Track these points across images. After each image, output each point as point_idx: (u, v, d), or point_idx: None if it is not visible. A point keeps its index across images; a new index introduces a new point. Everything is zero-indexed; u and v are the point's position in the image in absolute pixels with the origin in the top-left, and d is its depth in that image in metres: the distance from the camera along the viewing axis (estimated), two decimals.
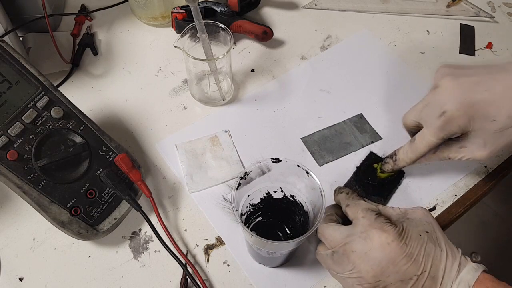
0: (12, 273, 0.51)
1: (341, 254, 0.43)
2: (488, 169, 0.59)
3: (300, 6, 0.77)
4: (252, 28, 0.69)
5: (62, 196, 0.49)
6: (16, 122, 0.48)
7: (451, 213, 0.56)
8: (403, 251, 0.40)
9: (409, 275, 0.40)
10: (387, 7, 0.77)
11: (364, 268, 0.41)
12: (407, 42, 0.72)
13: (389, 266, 0.40)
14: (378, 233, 0.41)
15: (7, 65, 0.49)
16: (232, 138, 0.61)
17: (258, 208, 0.51)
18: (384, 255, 0.40)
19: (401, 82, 0.67)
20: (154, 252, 0.52)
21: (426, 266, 0.40)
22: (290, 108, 0.64)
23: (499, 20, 0.75)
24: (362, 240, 0.41)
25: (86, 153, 0.51)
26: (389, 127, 0.62)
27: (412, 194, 0.56)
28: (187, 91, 0.66)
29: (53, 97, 0.51)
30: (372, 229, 0.42)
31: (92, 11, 0.74)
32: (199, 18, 0.55)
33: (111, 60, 0.70)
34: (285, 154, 0.59)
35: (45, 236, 0.53)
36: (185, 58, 0.58)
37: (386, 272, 0.40)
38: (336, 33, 0.73)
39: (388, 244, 0.40)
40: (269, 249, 0.45)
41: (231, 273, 0.51)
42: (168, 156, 0.59)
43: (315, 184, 0.44)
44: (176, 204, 0.56)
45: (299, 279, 0.50)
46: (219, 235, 0.53)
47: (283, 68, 0.69)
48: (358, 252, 0.41)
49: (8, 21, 0.62)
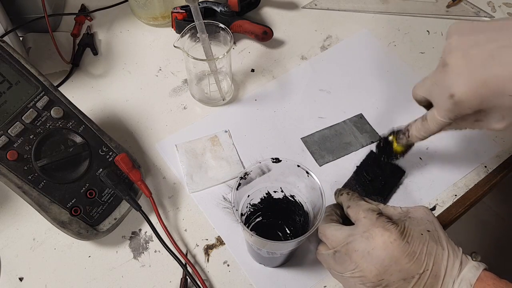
0: (12, 273, 0.51)
1: (343, 253, 0.43)
2: (488, 169, 0.59)
3: (300, 6, 0.77)
4: (252, 28, 0.69)
5: (62, 196, 0.49)
6: (16, 122, 0.48)
7: (451, 213, 0.56)
8: (405, 249, 0.40)
9: (412, 274, 0.40)
10: (387, 7, 0.77)
11: (367, 267, 0.41)
12: (407, 42, 0.72)
13: (392, 265, 0.40)
14: (380, 232, 0.41)
15: (7, 65, 0.49)
16: (232, 138, 0.61)
17: (258, 208, 0.51)
18: (386, 253, 0.40)
19: (401, 82, 0.67)
20: (154, 252, 0.52)
21: (428, 264, 0.40)
22: (290, 108, 0.64)
23: None
24: (364, 240, 0.41)
25: (86, 153, 0.51)
26: (389, 127, 0.62)
27: (412, 194, 0.56)
28: (187, 91, 0.66)
29: (53, 97, 0.51)
30: (374, 229, 0.42)
31: (92, 11, 0.74)
32: (199, 18, 0.55)
33: (111, 60, 0.70)
34: (285, 154, 0.59)
35: (45, 236, 0.53)
36: (185, 58, 0.58)
37: (388, 270, 0.40)
38: (336, 33, 0.73)
39: (390, 243, 0.40)
40: (269, 249, 0.45)
41: (231, 273, 0.51)
42: (168, 156, 0.59)
43: (315, 184, 0.44)
44: (176, 204, 0.56)
45: (299, 279, 0.50)
46: (219, 235, 0.53)
47: (283, 68, 0.69)
48: (360, 251, 0.41)
49: (8, 21, 0.62)
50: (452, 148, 0.60)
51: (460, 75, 0.41)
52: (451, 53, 0.42)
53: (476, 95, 0.41)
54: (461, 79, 0.41)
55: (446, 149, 0.60)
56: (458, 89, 0.41)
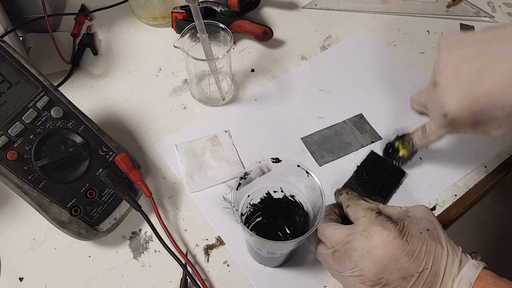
0: (12, 273, 0.51)
1: (343, 252, 0.43)
2: (488, 169, 0.59)
3: (300, 6, 0.77)
4: (252, 28, 0.69)
5: (62, 196, 0.49)
6: (16, 122, 0.48)
7: (451, 213, 0.56)
8: (404, 248, 0.40)
9: (411, 272, 0.40)
10: (387, 7, 0.77)
11: (366, 266, 0.41)
12: (407, 42, 0.72)
13: (391, 264, 0.40)
14: (379, 230, 0.41)
15: (7, 65, 0.49)
16: (232, 138, 0.61)
17: (258, 208, 0.51)
18: (386, 252, 0.40)
19: (401, 82, 0.67)
20: (154, 252, 0.52)
21: (428, 263, 0.40)
22: (290, 108, 0.64)
23: (499, 20, 0.75)
24: (363, 239, 0.41)
25: (86, 153, 0.51)
26: (389, 127, 0.62)
27: (412, 194, 0.56)
28: (187, 91, 0.66)
29: (53, 97, 0.51)
30: (373, 227, 0.42)
31: (92, 11, 0.74)
32: (199, 18, 0.55)
33: (111, 60, 0.70)
34: (285, 154, 0.59)
35: (45, 236, 0.53)
36: (185, 58, 0.58)
37: (388, 269, 0.40)
38: (336, 33, 0.73)
39: (390, 242, 0.40)
40: (269, 249, 0.45)
41: (231, 273, 0.51)
42: (168, 156, 0.59)
43: (315, 184, 0.44)
44: (176, 204, 0.56)
45: (299, 279, 0.50)
46: (219, 235, 0.53)
47: (283, 68, 0.69)
48: (359, 250, 0.41)
49: (8, 21, 0.62)
50: (452, 148, 0.60)
51: (451, 94, 0.42)
52: (441, 72, 0.43)
53: (469, 113, 0.41)
54: (452, 98, 0.42)
55: (446, 149, 0.60)
56: (450, 108, 0.42)
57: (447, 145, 0.60)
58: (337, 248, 0.43)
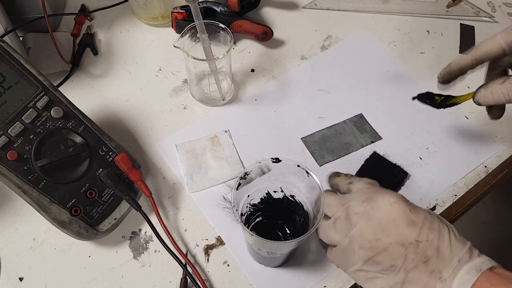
0: (12, 273, 0.51)
1: (343, 218, 0.41)
2: (488, 169, 0.59)
3: (300, 6, 0.77)
4: (252, 28, 0.69)
5: (62, 196, 0.49)
6: (16, 122, 0.48)
7: (451, 213, 0.56)
8: (406, 214, 0.39)
9: (410, 240, 0.38)
10: (387, 7, 0.77)
11: (365, 225, 0.40)
12: (407, 42, 0.72)
13: (390, 225, 0.39)
14: (381, 195, 0.40)
15: (7, 65, 0.49)
16: (232, 138, 0.61)
17: (258, 208, 0.51)
18: (385, 214, 0.39)
19: (401, 82, 0.67)
20: (154, 252, 0.52)
21: (429, 236, 0.38)
22: (290, 108, 0.64)
23: (499, 20, 0.75)
24: (364, 203, 0.40)
25: (86, 153, 0.51)
26: (389, 127, 0.62)
27: (412, 194, 0.56)
28: (187, 91, 0.66)
29: (53, 97, 0.51)
30: (376, 193, 0.41)
31: (92, 11, 0.74)
32: (199, 18, 0.55)
33: (111, 60, 0.70)
34: (285, 154, 0.59)
35: (45, 236, 0.53)
36: (185, 58, 0.58)
37: (386, 231, 0.39)
38: (336, 33, 0.73)
39: (390, 205, 0.40)
40: (269, 249, 0.45)
41: (231, 273, 0.51)
42: (168, 156, 0.59)
43: (315, 184, 0.44)
44: (176, 204, 0.56)
45: (299, 279, 0.50)
46: (219, 235, 0.53)
47: (283, 68, 0.69)
48: (360, 213, 0.40)
49: (8, 21, 0.62)
50: (452, 148, 0.60)
51: None
52: None
53: None
54: None
55: (446, 149, 0.60)
56: None
57: (447, 145, 0.60)
58: (338, 215, 0.42)
